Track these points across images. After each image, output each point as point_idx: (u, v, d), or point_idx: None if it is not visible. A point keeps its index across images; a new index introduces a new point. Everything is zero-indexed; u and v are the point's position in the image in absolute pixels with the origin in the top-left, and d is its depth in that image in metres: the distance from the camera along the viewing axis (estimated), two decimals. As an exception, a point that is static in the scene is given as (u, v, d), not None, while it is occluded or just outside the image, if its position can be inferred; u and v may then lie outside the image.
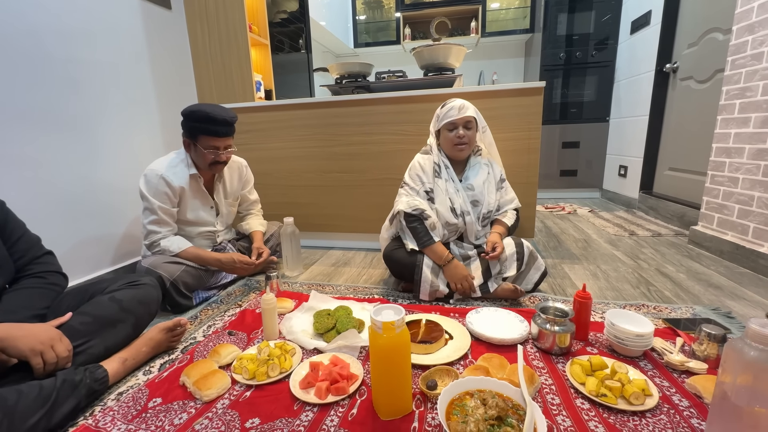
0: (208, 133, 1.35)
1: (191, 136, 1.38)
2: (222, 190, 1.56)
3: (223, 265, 1.43)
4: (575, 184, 3.37)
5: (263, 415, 0.81)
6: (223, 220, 1.58)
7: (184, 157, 1.43)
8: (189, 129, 1.37)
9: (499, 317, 1.16)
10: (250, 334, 1.15)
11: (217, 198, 1.54)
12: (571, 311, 1.00)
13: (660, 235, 2.09)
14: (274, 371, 0.93)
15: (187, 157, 1.42)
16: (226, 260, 1.42)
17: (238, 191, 1.63)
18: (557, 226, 2.40)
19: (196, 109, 1.34)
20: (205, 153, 1.37)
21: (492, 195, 1.42)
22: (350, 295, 1.42)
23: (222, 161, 1.42)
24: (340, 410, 0.82)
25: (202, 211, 1.49)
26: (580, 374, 0.87)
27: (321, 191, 2.01)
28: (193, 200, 1.45)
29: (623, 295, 1.37)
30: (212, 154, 1.38)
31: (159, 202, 1.35)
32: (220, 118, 1.35)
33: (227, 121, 1.38)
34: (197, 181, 1.44)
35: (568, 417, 0.78)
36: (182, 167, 1.41)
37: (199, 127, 1.35)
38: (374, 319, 0.75)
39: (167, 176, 1.35)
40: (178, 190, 1.37)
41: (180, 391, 0.90)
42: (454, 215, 1.38)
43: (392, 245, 1.42)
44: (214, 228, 1.55)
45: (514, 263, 1.30)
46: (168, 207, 1.37)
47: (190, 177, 1.41)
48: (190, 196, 1.43)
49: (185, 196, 1.41)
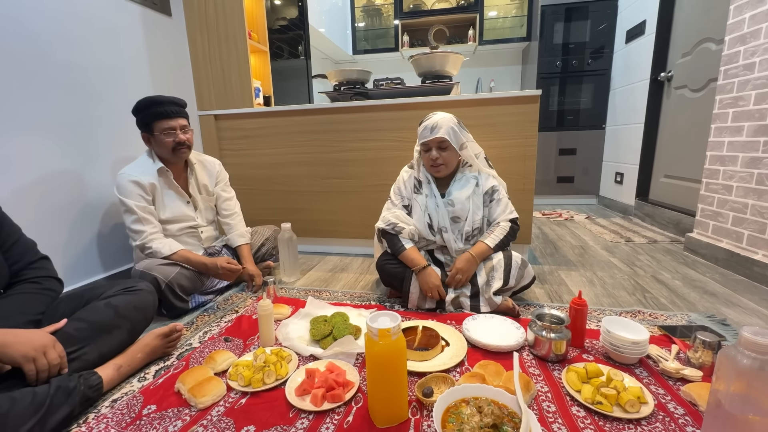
0: (158, 116, 1.37)
1: (145, 127, 1.40)
2: (195, 184, 1.55)
3: (209, 270, 1.42)
4: (572, 190, 3.40)
5: (258, 422, 0.81)
6: (202, 216, 1.57)
7: (150, 156, 1.44)
8: (141, 121, 1.39)
9: (495, 324, 1.16)
10: (246, 341, 1.15)
11: (192, 192, 1.53)
12: (567, 318, 1.00)
13: (656, 242, 2.10)
14: (270, 378, 0.92)
15: (151, 153, 1.44)
16: (211, 265, 1.41)
17: (211, 186, 1.61)
18: (554, 232, 2.41)
19: (141, 99, 1.38)
20: (162, 138, 1.38)
21: (476, 210, 1.38)
22: (347, 301, 1.42)
23: (183, 143, 1.42)
24: (336, 418, 0.81)
25: (178, 203, 1.48)
26: (575, 381, 0.88)
27: (319, 197, 2.02)
28: (166, 195, 1.45)
29: (619, 301, 1.37)
30: (170, 136, 1.39)
31: (135, 201, 1.35)
32: (165, 99, 1.39)
33: (173, 101, 1.41)
34: (166, 175, 1.44)
35: (564, 425, 0.78)
36: (148, 164, 1.42)
37: (148, 113, 1.37)
38: (370, 326, 0.75)
39: (135, 176, 1.36)
40: (148, 187, 1.38)
41: (175, 398, 0.89)
42: (431, 231, 1.39)
43: (384, 257, 1.41)
44: (195, 222, 1.53)
45: (501, 275, 1.29)
46: (145, 204, 1.37)
47: (158, 172, 1.41)
48: (162, 192, 1.43)
49: (157, 193, 1.42)
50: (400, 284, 1.33)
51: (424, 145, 1.36)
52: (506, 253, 1.34)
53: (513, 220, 1.41)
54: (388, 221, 1.39)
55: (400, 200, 1.45)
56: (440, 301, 1.31)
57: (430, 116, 1.37)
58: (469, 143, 1.41)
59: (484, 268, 1.32)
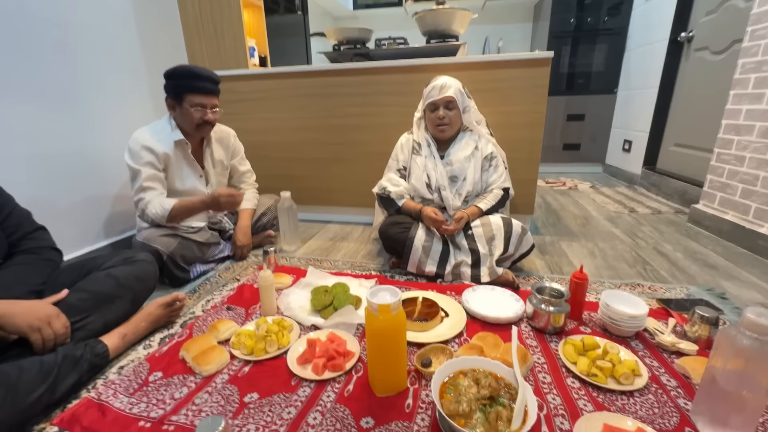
0: (194, 90, 1.31)
1: (176, 95, 1.33)
2: (210, 159, 1.51)
3: (210, 206, 1.37)
4: (578, 158, 3.32)
5: (262, 390, 0.83)
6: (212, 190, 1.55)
7: (169, 122, 1.38)
8: (173, 88, 1.33)
9: (495, 296, 1.17)
10: (248, 309, 1.16)
11: (207, 166, 1.50)
12: (567, 292, 1.00)
13: (660, 213, 2.08)
14: (272, 347, 0.94)
15: (171, 121, 1.38)
16: (209, 200, 1.35)
17: (226, 160, 1.59)
18: (557, 201, 2.39)
19: (179, 67, 1.32)
20: (191, 112, 1.33)
21: (475, 172, 1.41)
22: (348, 270, 1.43)
23: (210, 121, 1.38)
24: (337, 386, 0.84)
25: (191, 177, 1.44)
26: (572, 354, 0.89)
27: (319, 164, 1.98)
28: (180, 168, 1.41)
29: (619, 274, 1.37)
30: (199, 113, 1.34)
31: (144, 168, 1.31)
32: (204, 75, 1.33)
33: (212, 78, 1.35)
34: (184, 148, 1.40)
35: (559, 395, 0.80)
36: (166, 133, 1.36)
37: (183, 84, 1.31)
38: (371, 302, 0.75)
39: (150, 144, 1.31)
40: (162, 156, 1.34)
41: (180, 365, 0.91)
42: (429, 190, 1.42)
43: (386, 222, 1.41)
44: None
45: (501, 243, 1.29)
46: (154, 172, 1.33)
47: (176, 143, 1.37)
48: (176, 163, 1.39)
49: (171, 164, 1.38)
50: (402, 248, 1.33)
51: (432, 105, 1.39)
52: (506, 220, 1.33)
53: (505, 189, 1.43)
54: (381, 187, 1.45)
55: (396, 164, 1.49)
56: (440, 269, 1.31)
57: (437, 78, 1.39)
58: (471, 109, 1.44)
59: (485, 236, 1.32)
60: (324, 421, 0.74)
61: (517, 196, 1.63)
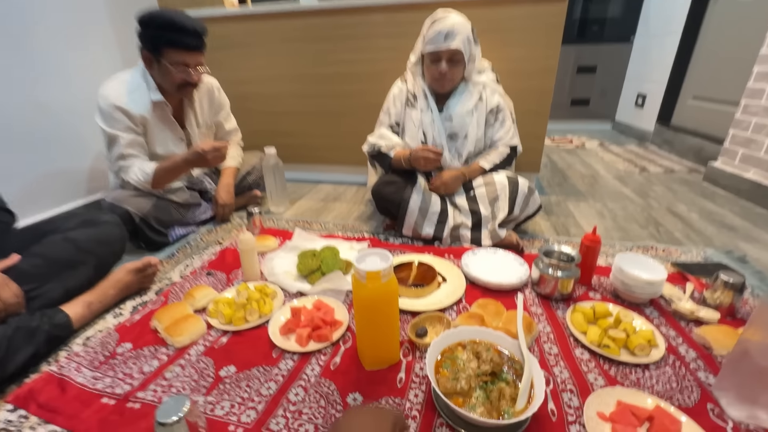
0: (176, 45, 1.12)
1: (154, 49, 1.13)
2: (193, 119, 1.35)
3: (193, 162, 1.19)
4: (586, 114, 3.13)
5: (239, 362, 0.75)
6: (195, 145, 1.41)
7: (144, 79, 1.19)
8: (150, 40, 1.12)
9: (497, 260, 1.08)
10: (230, 275, 1.08)
11: (189, 128, 1.34)
12: (578, 256, 0.91)
13: (673, 172, 1.96)
14: (253, 316, 0.86)
15: (148, 77, 1.18)
16: (192, 156, 1.17)
17: (211, 118, 1.43)
18: (564, 160, 2.25)
19: (157, 15, 1.09)
20: (171, 71, 1.14)
21: (478, 128, 1.26)
22: (339, 233, 1.33)
23: (193, 83, 1.20)
24: (323, 358, 0.76)
25: (171, 144, 1.28)
26: (581, 323, 0.81)
27: (307, 118, 1.82)
28: (159, 132, 1.25)
29: (630, 235, 1.28)
30: (182, 73, 1.16)
31: (123, 135, 1.16)
32: (188, 27, 1.11)
33: (197, 31, 1.14)
34: (163, 110, 1.23)
35: (566, 368, 0.72)
36: (142, 92, 1.18)
37: (164, 37, 1.10)
38: (357, 268, 0.65)
39: (124, 106, 1.14)
40: (138, 119, 1.17)
41: (152, 336, 0.83)
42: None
43: (380, 182, 1.29)
44: None
45: (506, 204, 1.18)
46: (134, 137, 1.18)
47: (154, 105, 1.19)
48: (155, 127, 1.23)
49: (149, 127, 1.21)
50: (396, 209, 1.22)
51: (433, 55, 1.18)
52: (512, 179, 1.21)
53: (513, 147, 1.28)
54: (369, 143, 1.32)
55: (388, 119, 1.34)
56: (438, 231, 1.21)
57: (443, 16, 1.17)
58: (477, 57, 1.25)
59: (488, 196, 1.21)
60: (307, 398, 0.67)
61: (522, 152, 1.49)
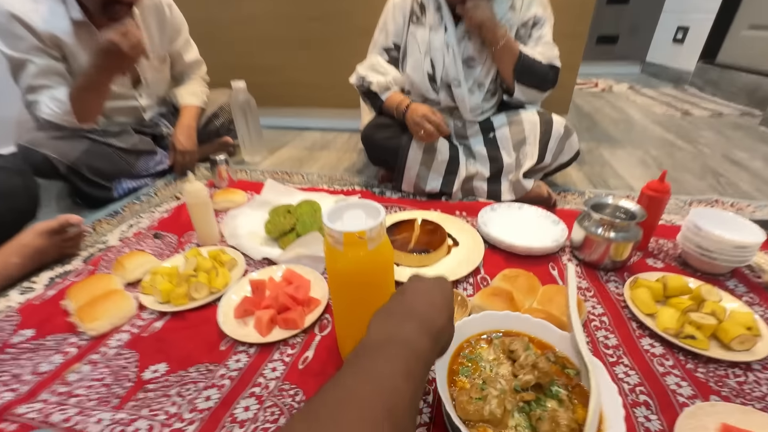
0: None
1: None
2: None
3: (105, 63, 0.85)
4: (612, 55, 2.75)
5: (173, 358, 0.54)
6: (149, 92, 1.12)
7: None
8: None
9: (524, 217, 0.85)
10: (182, 237, 0.85)
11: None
12: (643, 212, 0.67)
13: (721, 115, 1.66)
14: (200, 292, 0.64)
15: None
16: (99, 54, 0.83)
17: (164, 45, 1.12)
18: (589, 104, 1.94)
19: None
20: None
21: None
22: (324, 185, 1.08)
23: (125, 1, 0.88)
24: (290, 352, 0.55)
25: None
26: (648, 302, 0.59)
27: (289, 48, 1.49)
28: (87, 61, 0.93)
29: (685, 187, 1.03)
30: None
31: (31, 59, 0.87)
32: None
33: None
34: (91, 34, 0.92)
35: (633, 368, 0.51)
36: (56, 6, 0.87)
37: None
38: (329, 228, 0.41)
39: (25, 18, 0.84)
40: (47, 38, 0.87)
41: (64, 319, 0.62)
42: (432, 85, 0.97)
43: (372, 124, 1.02)
44: (137, 103, 1.10)
45: (536, 149, 0.92)
46: (47, 62, 0.88)
47: (75, 26, 0.89)
48: (81, 57, 0.92)
49: (72, 56, 0.92)
50: (393, 160, 0.96)
51: None
52: (544, 117, 0.94)
53: (554, 67, 0.96)
54: (357, 75, 1.01)
55: (384, 38, 1.01)
56: (447, 186, 0.96)
57: None
58: None
59: (512, 139, 0.95)
60: (260, 414, 0.46)
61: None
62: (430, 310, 0.34)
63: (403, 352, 0.29)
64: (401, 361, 0.28)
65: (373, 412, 0.23)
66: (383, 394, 0.25)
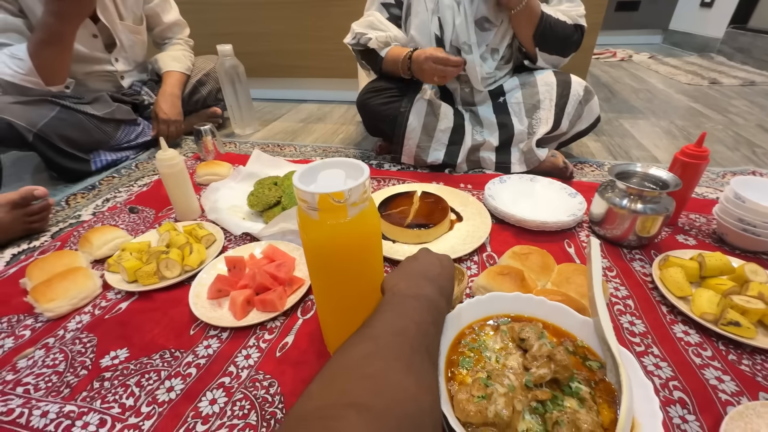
0: None
1: None
2: (111, 6, 0.95)
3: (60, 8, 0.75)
4: (632, 23, 2.57)
5: (136, 343, 0.48)
6: (125, 56, 1.03)
7: None
8: None
9: (536, 189, 0.76)
10: (159, 213, 0.78)
11: (107, 18, 0.94)
12: (677, 180, 0.58)
13: (754, 84, 1.53)
14: (172, 271, 0.57)
15: None
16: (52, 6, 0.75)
17: (139, 3, 1.02)
18: (607, 74, 1.81)
19: None
20: None
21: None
22: (317, 158, 1.00)
23: None
24: (267, 337, 0.48)
25: (81, 41, 0.90)
26: (680, 283, 0.50)
27: (282, 12, 1.38)
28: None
29: (717, 159, 0.93)
30: None
31: None
32: None
33: None
34: None
35: (665, 359, 0.43)
36: None
37: None
38: (300, 189, 0.33)
39: None
40: None
41: (22, 299, 0.56)
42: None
43: (367, 89, 0.92)
44: (113, 68, 1.02)
45: (551, 114, 0.82)
46: (1, 16, 0.80)
47: None
48: (35, 7, 0.83)
49: (28, 8, 0.83)
50: (392, 127, 0.87)
51: None
52: (562, 78, 0.84)
53: (579, 26, 0.85)
54: (353, 33, 0.88)
55: None
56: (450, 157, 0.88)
57: None
58: None
59: (524, 103, 0.85)
60: (228, 408, 0.40)
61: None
62: (440, 278, 0.38)
63: (428, 305, 0.33)
64: (428, 312, 0.32)
65: (419, 346, 0.28)
66: (423, 334, 0.30)
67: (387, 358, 0.26)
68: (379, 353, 0.26)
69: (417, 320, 0.30)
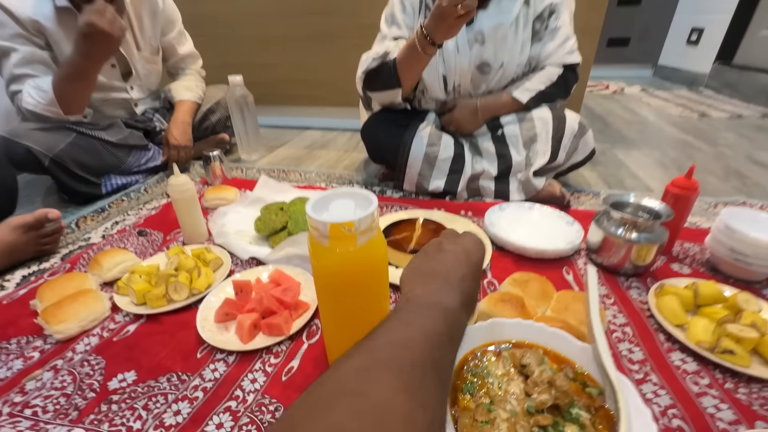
0: None
1: None
2: (131, 38, 1.01)
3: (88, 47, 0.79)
4: (623, 58, 2.69)
5: (144, 366, 0.49)
6: (140, 84, 1.09)
7: None
8: None
9: (535, 217, 0.79)
10: (168, 236, 0.80)
11: (125, 49, 1.01)
12: (669, 211, 0.60)
13: (741, 117, 1.59)
14: (180, 294, 0.59)
15: None
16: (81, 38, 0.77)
17: (156, 36, 1.09)
18: (601, 106, 1.88)
19: None
20: None
21: (522, 51, 0.87)
22: (321, 183, 1.03)
23: None
24: (273, 361, 0.49)
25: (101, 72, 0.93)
26: (676, 311, 0.52)
27: (290, 45, 1.46)
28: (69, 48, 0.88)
29: (708, 189, 0.96)
30: None
31: (15, 47, 0.84)
32: None
33: None
34: (72, 19, 0.88)
35: (664, 387, 0.44)
36: None
37: None
38: (313, 219, 0.36)
39: (4, 0, 0.82)
40: (30, 24, 0.84)
41: (32, 320, 0.57)
42: (443, 88, 0.91)
43: (372, 119, 0.96)
44: (128, 95, 1.07)
45: (548, 147, 0.86)
46: (31, 49, 0.86)
47: (59, 12, 0.86)
48: (62, 42, 0.89)
49: (57, 44, 0.89)
50: (394, 156, 0.91)
51: None
52: (557, 113, 0.88)
53: (570, 66, 0.91)
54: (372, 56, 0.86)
55: (396, 30, 0.91)
56: (451, 185, 0.90)
57: None
58: None
59: (522, 136, 0.89)
60: None
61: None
62: (463, 281, 0.35)
63: (444, 315, 0.30)
64: (443, 323, 0.29)
65: (423, 360, 0.25)
66: (432, 347, 0.27)
67: (381, 373, 0.23)
68: (374, 367, 0.24)
69: (426, 331, 0.28)
